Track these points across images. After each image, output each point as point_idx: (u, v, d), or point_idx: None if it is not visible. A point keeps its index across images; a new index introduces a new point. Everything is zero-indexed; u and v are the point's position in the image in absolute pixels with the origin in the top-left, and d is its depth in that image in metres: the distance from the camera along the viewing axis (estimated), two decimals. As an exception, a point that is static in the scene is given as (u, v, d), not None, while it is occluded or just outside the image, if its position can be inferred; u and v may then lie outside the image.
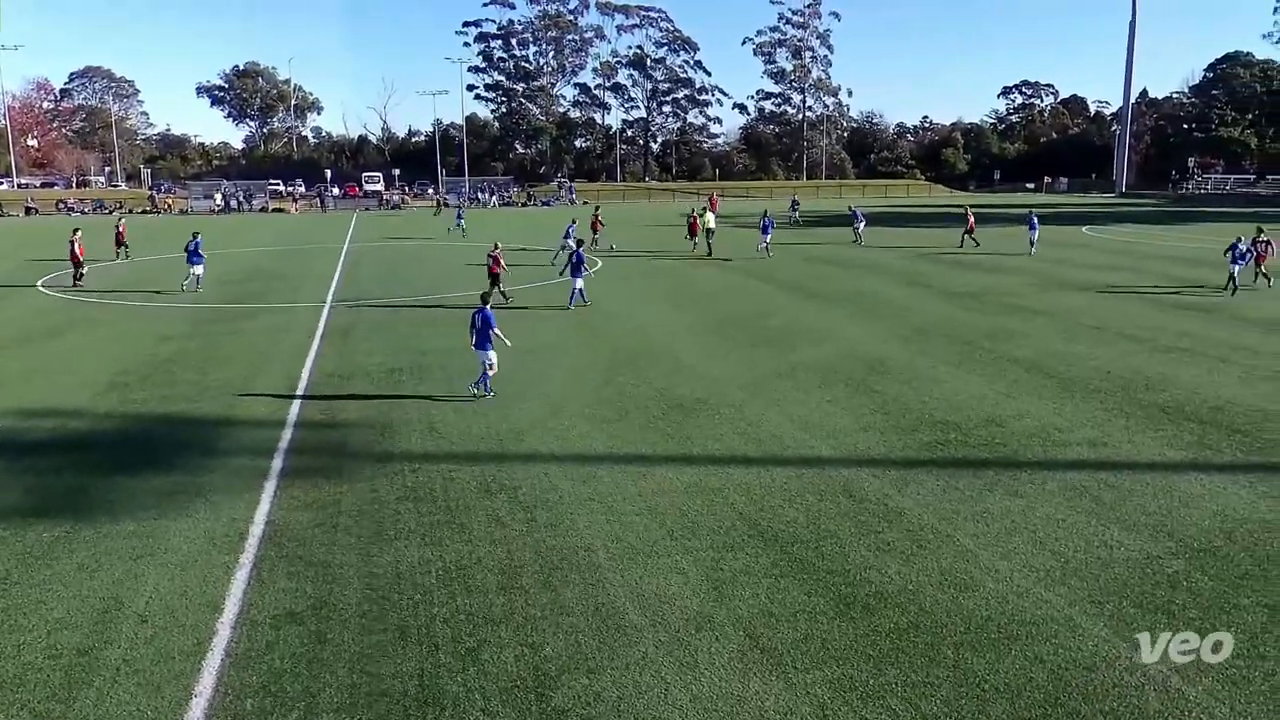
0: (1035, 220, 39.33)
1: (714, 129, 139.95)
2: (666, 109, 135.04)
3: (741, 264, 35.57)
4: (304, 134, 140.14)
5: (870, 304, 25.33)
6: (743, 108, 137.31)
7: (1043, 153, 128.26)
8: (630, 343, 20.16)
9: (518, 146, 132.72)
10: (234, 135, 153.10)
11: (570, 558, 9.30)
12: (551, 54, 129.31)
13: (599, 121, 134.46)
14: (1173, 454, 12.38)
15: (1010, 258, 36.99)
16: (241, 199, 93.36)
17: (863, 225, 44.27)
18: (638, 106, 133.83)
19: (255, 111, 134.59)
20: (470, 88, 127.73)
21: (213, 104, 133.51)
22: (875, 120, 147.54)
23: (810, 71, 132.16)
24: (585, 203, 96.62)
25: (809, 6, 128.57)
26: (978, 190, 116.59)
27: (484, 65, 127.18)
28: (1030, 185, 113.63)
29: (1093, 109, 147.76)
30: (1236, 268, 26.78)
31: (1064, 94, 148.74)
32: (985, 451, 12.52)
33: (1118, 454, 12.39)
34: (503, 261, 25.59)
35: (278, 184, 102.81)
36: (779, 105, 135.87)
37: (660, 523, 10.13)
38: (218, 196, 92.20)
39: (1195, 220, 58.18)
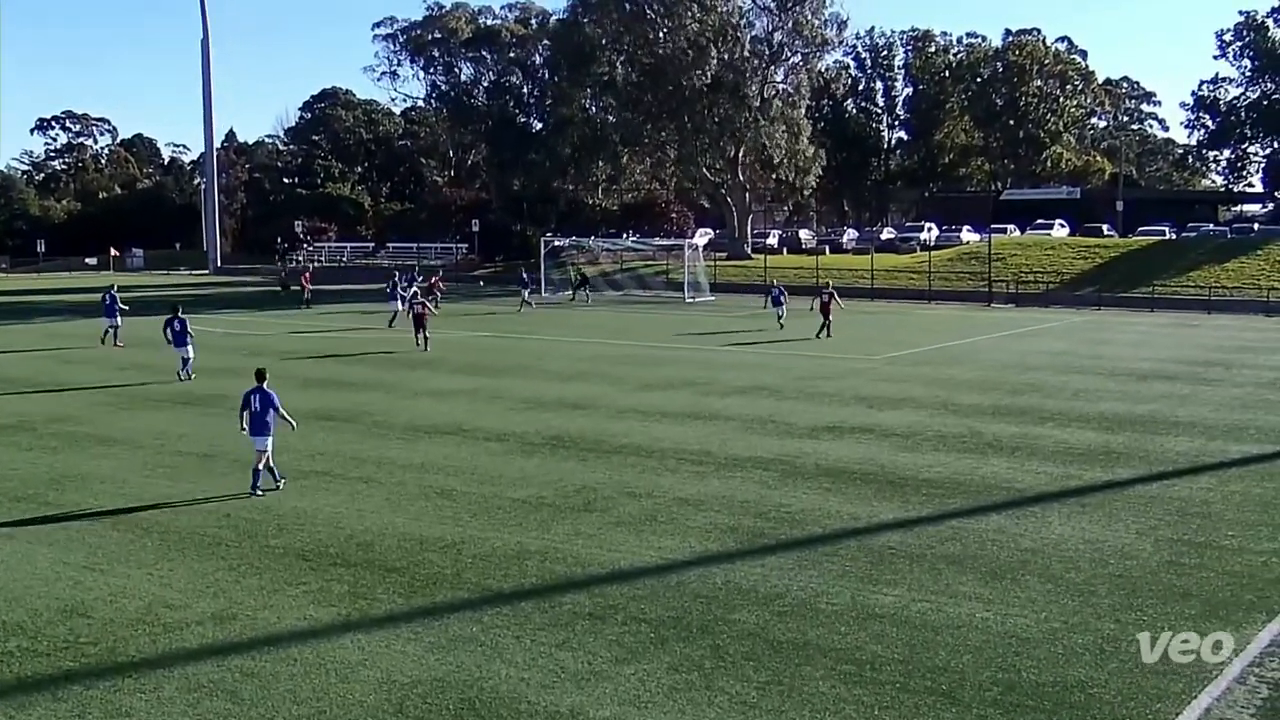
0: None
1: None
2: None
3: None
4: None
5: None
6: None
7: (106, 214, 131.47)
8: None
9: None
10: None
11: None
12: None
13: None
14: (322, 614, 13.71)
15: (70, 366, 37.15)
16: None
17: (783, 310, 52.58)
18: None
19: None
20: None
21: None
22: None
23: None
24: None
25: None
26: (14, 270, 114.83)
27: None
28: (92, 260, 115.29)
29: (167, 155, 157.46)
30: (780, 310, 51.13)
31: (126, 133, 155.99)
32: (67, 659, 12.44)
33: (254, 627, 13.28)
34: None
35: None
36: None
37: None
38: None
39: (319, 301, 65.67)
